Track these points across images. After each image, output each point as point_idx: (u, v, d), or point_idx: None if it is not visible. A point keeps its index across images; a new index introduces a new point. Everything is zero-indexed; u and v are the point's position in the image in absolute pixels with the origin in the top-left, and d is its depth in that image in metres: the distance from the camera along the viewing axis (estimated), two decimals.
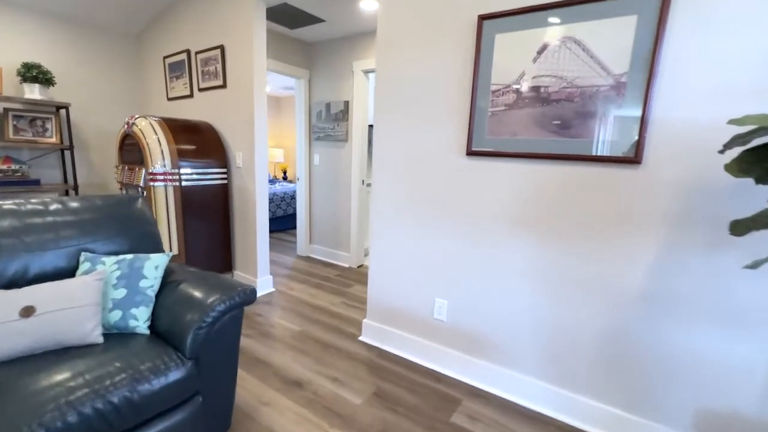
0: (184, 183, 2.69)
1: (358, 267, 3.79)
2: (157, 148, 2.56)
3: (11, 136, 2.93)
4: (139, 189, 2.69)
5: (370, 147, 4.64)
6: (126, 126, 2.69)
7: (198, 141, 2.81)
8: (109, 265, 1.41)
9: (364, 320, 2.33)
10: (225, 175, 2.97)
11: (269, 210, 5.13)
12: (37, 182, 2.98)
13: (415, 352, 2.11)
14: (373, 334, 2.28)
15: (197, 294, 1.39)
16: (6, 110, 2.94)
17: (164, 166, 2.57)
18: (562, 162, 1.54)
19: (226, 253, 3.07)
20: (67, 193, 3.26)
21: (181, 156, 2.66)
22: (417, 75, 1.90)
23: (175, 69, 3.31)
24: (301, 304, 2.82)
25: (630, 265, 1.46)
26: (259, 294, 2.97)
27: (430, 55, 1.84)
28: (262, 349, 2.17)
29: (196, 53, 3.08)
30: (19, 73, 2.87)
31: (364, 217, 3.77)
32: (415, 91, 1.92)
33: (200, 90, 3.13)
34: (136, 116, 2.64)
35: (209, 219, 2.90)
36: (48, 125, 3.10)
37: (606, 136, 1.43)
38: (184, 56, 3.19)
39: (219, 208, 2.95)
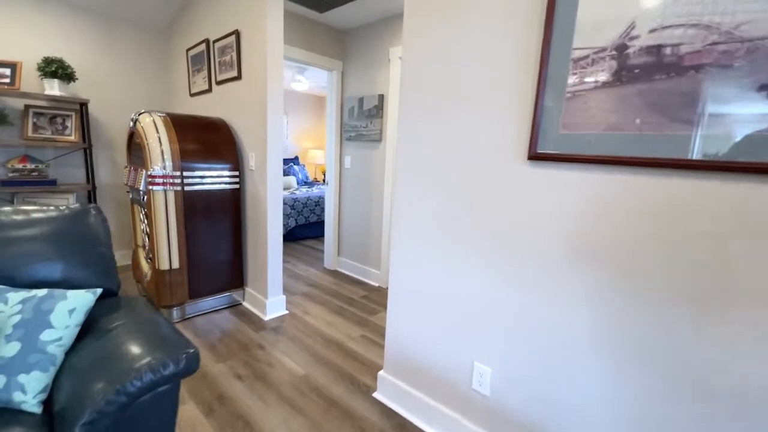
0: (188, 187, 2.35)
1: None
2: (157, 147, 2.24)
3: (30, 134, 2.81)
4: (141, 193, 2.41)
5: None
6: (131, 123, 2.42)
7: (207, 140, 2.47)
8: (11, 305, 1.03)
9: (381, 372, 1.79)
10: (237, 179, 2.60)
11: (302, 215, 4.80)
12: (53, 182, 2.84)
13: (444, 430, 1.54)
14: (390, 392, 1.74)
15: (125, 350, 0.97)
16: (27, 107, 2.83)
17: (164, 168, 2.25)
18: (698, 174, 0.89)
19: (237, 267, 2.71)
20: (88, 196, 3.12)
21: (185, 157, 2.33)
22: (458, 46, 1.34)
23: (197, 62, 3.04)
24: (313, 335, 2.36)
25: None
26: (268, 317, 2.56)
27: (477, 16, 1.27)
28: (249, 400, 1.73)
29: (214, 42, 2.77)
30: (39, 68, 2.74)
31: None
32: (454, 70, 1.36)
33: (217, 83, 2.81)
34: (142, 111, 2.35)
35: (217, 228, 2.55)
36: (68, 123, 2.96)
37: None
38: (203, 47, 2.89)
39: (229, 216, 2.60)
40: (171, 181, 2.28)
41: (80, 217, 1.36)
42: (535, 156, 1.15)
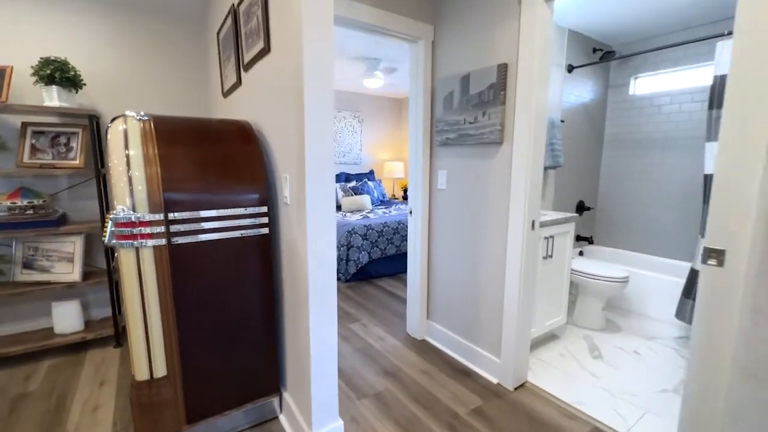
0: (180, 239, 1.37)
1: (516, 389, 1.93)
2: (123, 175, 1.29)
3: (25, 159, 2.15)
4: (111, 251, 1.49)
5: (552, 153, 2.73)
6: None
7: (216, 157, 1.47)
8: None
9: None
10: (266, 219, 1.56)
11: (378, 247, 3.70)
12: (55, 223, 2.13)
13: None
14: None
15: None
16: (24, 125, 2.18)
17: (133, 208, 1.29)
18: None
19: (269, 361, 1.65)
20: None
21: (174, 187, 1.35)
22: None
23: (226, 45, 2.12)
24: None
25: None
26: None
27: None
28: None
29: (238, 5, 1.80)
30: (34, 72, 2.06)
31: (534, 292, 1.91)
32: None
33: (245, 67, 1.83)
34: (119, 115, 1.44)
35: (233, 302, 1.52)
36: (73, 143, 2.26)
37: None
38: (230, 20, 1.96)
39: (253, 280, 1.56)
40: (146, 231, 1.30)
41: None
42: None
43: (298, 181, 1.35)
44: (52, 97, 2.12)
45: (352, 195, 4.96)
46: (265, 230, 1.57)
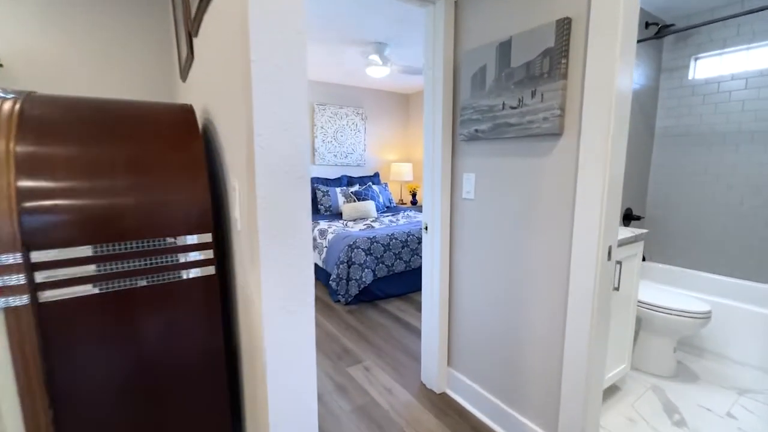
0: (49, 293, 0.83)
1: None
2: None
3: None
4: None
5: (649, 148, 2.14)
6: None
7: (124, 160, 0.93)
8: None
9: None
10: (211, 252, 1.01)
11: (383, 263, 3.15)
12: None
13: None
14: None
15: None
16: None
17: None
18: None
19: None
20: None
21: (38, 207, 0.81)
22: None
23: (179, 6, 1.60)
24: None
25: None
26: None
27: None
28: None
29: None
30: None
31: (607, 341, 1.35)
32: None
33: (193, 30, 1.30)
34: None
35: (159, 376, 0.98)
36: None
37: None
38: None
39: (192, 344, 1.01)
40: None
41: None
42: None
43: (248, 194, 0.80)
44: None
45: (354, 201, 4.42)
46: (211, 269, 1.02)
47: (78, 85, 1.99)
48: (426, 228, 1.86)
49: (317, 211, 4.28)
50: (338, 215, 4.32)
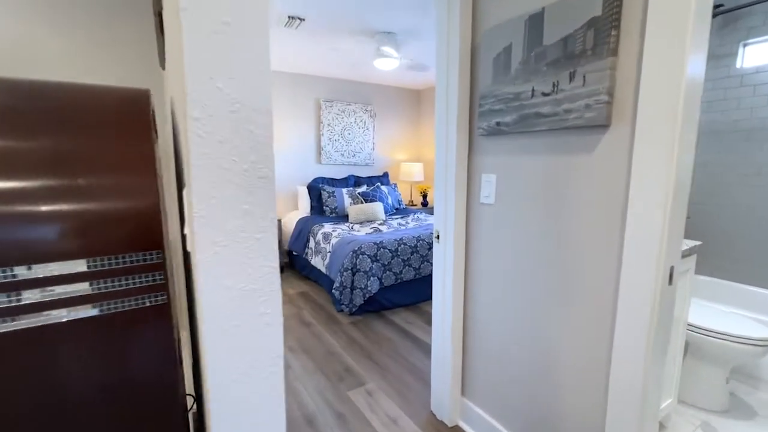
0: None
1: None
2: None
3: None
4: None
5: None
6: None
7: (47, 155, 0.72)
8: None
9: None
10: (161, 274, 0.79)
11: (391, 271, 2.92)
12: None
13: None
14: None
15: None
16: None
17: None
18: None
19: None
20: None
21: None
22: None
23: None
24: None
25: None
26: None
27: None
28: None
29: None
30: None
31: (662, 377, 1.09)
32: None
33: (160, 7, 1.08)
34: None
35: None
36: None
37: None
38: None
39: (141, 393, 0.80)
40: None
41: None
42: None
43: (188, 204, 0.58)
44: None
45: (361, 202, 4.19)
46: (163, 296, 0.80)
47: (55, 73, 1.81)
48: (438, 237, 1.62)
49: (322, 213, 4.06)
50: (344, 217, 4.10)
